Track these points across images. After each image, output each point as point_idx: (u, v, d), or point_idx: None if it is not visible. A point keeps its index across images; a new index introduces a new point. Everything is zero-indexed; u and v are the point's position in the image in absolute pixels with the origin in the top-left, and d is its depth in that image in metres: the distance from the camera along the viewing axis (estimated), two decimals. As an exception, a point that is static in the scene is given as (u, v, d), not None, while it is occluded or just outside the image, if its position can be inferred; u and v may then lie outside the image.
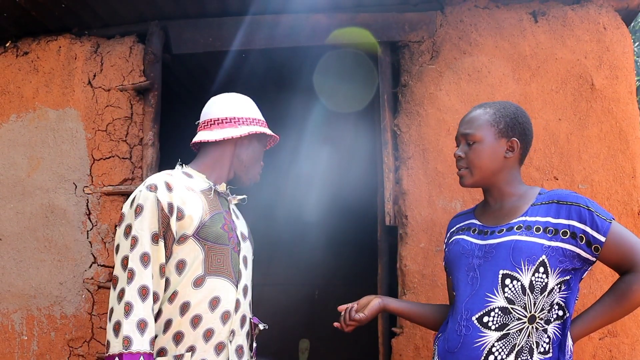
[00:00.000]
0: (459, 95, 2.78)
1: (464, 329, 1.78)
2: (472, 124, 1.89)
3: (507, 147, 1.88)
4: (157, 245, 1.80)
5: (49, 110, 3.00)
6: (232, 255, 1.95)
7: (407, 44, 2.88)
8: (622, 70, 2.73)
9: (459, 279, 1.87)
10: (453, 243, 1.97)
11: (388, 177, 2.82)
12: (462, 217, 2.08)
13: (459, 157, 1.91)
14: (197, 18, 3.01)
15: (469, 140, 1.88)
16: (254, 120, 2.09)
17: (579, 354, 2.57)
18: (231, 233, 1.96)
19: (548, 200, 1.83)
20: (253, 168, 2.11)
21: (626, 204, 2.65)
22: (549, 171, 2.69)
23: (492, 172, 1.88)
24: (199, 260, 1.86)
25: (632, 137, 2.69)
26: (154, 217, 1.80)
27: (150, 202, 1.81)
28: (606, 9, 2.78)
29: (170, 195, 1.84)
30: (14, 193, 2.98)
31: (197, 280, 1.84)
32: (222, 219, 1.94)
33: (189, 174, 2.01)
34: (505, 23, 2.81)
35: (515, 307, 1.74)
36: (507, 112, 1.89)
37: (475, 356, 1.74)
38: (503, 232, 1.83)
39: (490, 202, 1.95)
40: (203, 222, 1.87)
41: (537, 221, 1.79)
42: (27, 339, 2.89)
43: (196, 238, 1.86)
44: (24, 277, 2.92)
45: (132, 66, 2.96)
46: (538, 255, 1.73)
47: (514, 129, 1.88)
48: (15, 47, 3.10)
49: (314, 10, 2.92)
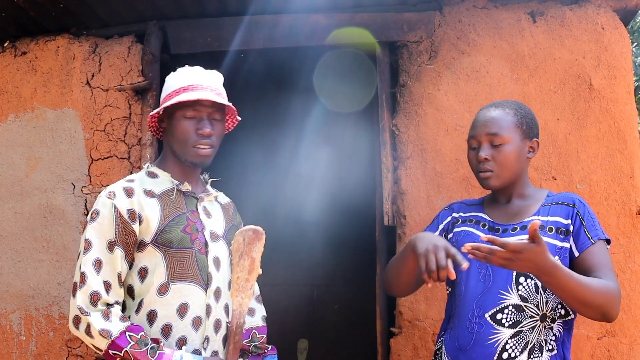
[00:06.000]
0: (458, 95, 2.78)
1: (477, 326, 1.78)
2: (497, 125, 1.84)
3: (529, 148, 1.88)
4: (112, 253, 1.75)
5: (47, 110, 3.00)
6: (199, 258, 1.86)
7: (405, 44, 2.88)
8: (620, 70, 2.74)
9: (470, 275, 1.85)
10: (462, 235, 1.94)
11: (386, 177, 2.82)
12: (466, 206, 2.05)
13: (484, 160, 1.85)
14: (196, 18, 3.00)
15: (494, 142, 1.84)
16: (169, 95, 1.89)
17: (577, 353, 2.58)
18: (195, 234, 1.87)
19: (557, 201, 1.85)
20: (185, 144, 1.87)
21: (624, 204, 2.65)
22: (548, 171, 2.70)
23: (516, 174, 1.87)
24: (161, 267, 1.80)
25: (630, 137, 2.69)
26: (110, 225, 1.76)
27: (108, 209, 1.77)
28: (604, 9, 2.79)
29: (130, 201, 1.80)
30: (12, 193, 2.98)
31: (161, 288, 1.79)
32: (183, 221, 1.86)
33: (154, 174, 1.94)
34: (504, 23, 2.81)
35: (528, 305, 1.76)
36: (525, 112, 1.89)
37: (490, 353, 1.75)
38: (517, 230, 1.83)
39: (501, 199, 1.95)
40: (160, 228, 1.80)
41: (548, 221, 1.82)
42: (25, 339, 2.89)
43: (155, 245, 1.80)
44: (22, 277, 2.91)
45: (131, 66, 2.96)
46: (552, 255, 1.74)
47: (533, 130, 1.89)
48: (13, 47, 3.09)
49: (312, 11, 2.91)
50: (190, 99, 1.82)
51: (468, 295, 1.84)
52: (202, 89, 1.87)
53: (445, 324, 1.96)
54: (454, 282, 1.92)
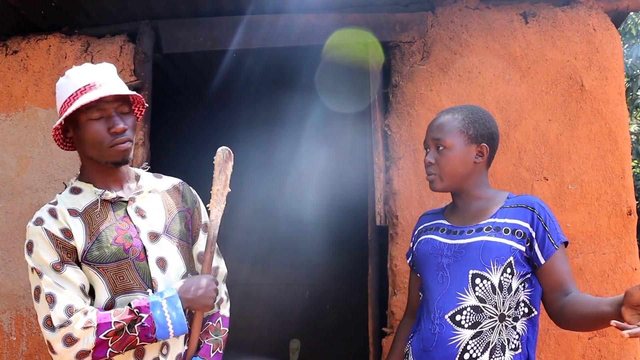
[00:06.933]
0: (450, 96, 2.79)
1: (438, 327, 1.82)
2: (441, 130, 1.91)
3: (477, 152, 1.92)
4: (61, 273, 1.68)
5: (38, 110, 2.98)
6: (138, 266, 1.77)
7: (398, 44, 2.88)
8: (612, 71, 2.75)
9: (429, 278, 1.91)
10: (422, 242, 2.00)
11: (379, 177, 2.83)
12: (430, 216, 2.11)
13: (429, 163, 1.93)
14: (189, 18, 3.00)
15: (439, 147, 1.91)
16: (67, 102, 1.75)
17: (568, 353, 2.59)
18: (129, 242, 1.76)
19: (517, 204, 1.88)
20: (101, 147, 1.75)
21: (615, 205, 2.66)
22: (539, 172, 2.71)
23: (462, 178, 1.92)
24: (102, 285, 1.72)
25: (621, 138, 2.71)
26: (47, 248, 1.69)
27: (39, 236, 1.70)
28: (596, 10, 2.80)
29: (58, 221, 1.72)
30: (2, 193, 2.96)
31: (107, 305, 1.72)
32: (112, 232, 1.76)
33: (77, 189, 1.83)
34: (496, 24, 2.82)
35: (486, 305, 1.79)
36: (475, 117, 1.93)
37: (451, 354, 1.78)
38: (472, 232, 1.87)
39: (459, 204, 2.00)
40: (87, 247, 1.72)
41: (505, 223, 1.85)
42: (15, 339, 2.87)
43: (87, 264, 1.72)
44: (12, 277, 2.90)
45: (123, 65, 2.95)
46: (506, 256, 1.79)
47: (482, 135, 1.92)
48: (4, 45, 3.08)
49: (305, 11, 2.91)
50: (91, 100, 1.68)
51: (429, 297, 1.88)
52: (100, 86, 1.73)
53: (415, 327, 1.99)
54: (423, 286, 1.97)
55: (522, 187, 2.69)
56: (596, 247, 2.65)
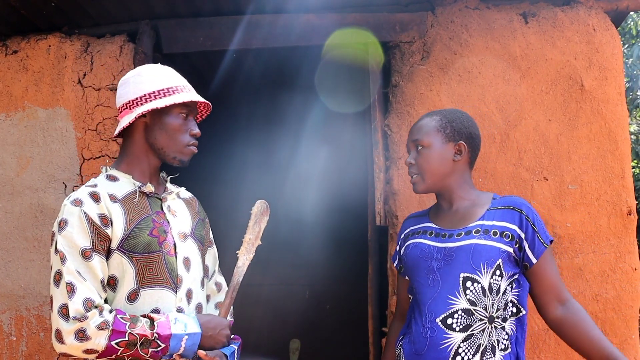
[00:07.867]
0: (450, 96, 2.79)
1: (429, 330, 1.82)
2: (420, 131, 1.96)
3: (455, 150, 1.94)
4: (88, 261, 1.67)
5: (38, 110, 2.99)
6: (168, 261, 1.80)
7: (398, 44, 2.88)
8: (612, 71, 2.75)
9: (420, 282, 1.91)
10: (410, 247, 2.01)
11: (379, 177, 2.83)
12: (415, 219, 2.12)
13: (409, 164, 1.97)
14: (188, 18, 3.00)
15: (418, 147, 1.95)
16: (150, 95, 1.82)
17: (568, 353, 2.59)
18: (163, 236, 1.80)
19: (503, 205, 1.90)
20: (180, 143, 1.85)
21: (615, 205, 2.66)
22: (539, 172, 2.71)
23: (442, 176, 1.94)
24: (130, 274, 1.73)
25: (621, 138, 2.71)
26: (82, 232, 1.68)
27: (76, 217, 1.68)
28: (596, 10, 2.80)
29: (99, 206, 1.72)
30: (2, 193, 2.96)
31: (130, 295, 1.73)
32: (149, 224, 1.79)
33: (114, 177, 1.85)
34: (496, 24, 2.82)
35: (477, 308, 1.80)
36: (452, 117, 1.97)
37: (443, 357, 1.79)
38: (462, 235, 1.88)
39: (444, 205, 2.01)
40: (126, 234, 1.73)
41: (494, 225, 1.86)
42: (15, 339, 2.87)
43: (121, 251, 1.72)
44: (12, 277, 2.90)
45: (123, 65, 2.95)
46: (496, 259, 1.81)
47: (460, 133, 1.94)
48: (4, 45, 3.08)
49: (305, 11, 2.91)
50: (192, 100, 1.83)
51: (420, 301, 1.89)
52: (190, 90, 1.89)
53: (405, 329, 2.00)
54: (413, 289, 1.97)
55: (522, 187, 2.69)
56: (596, 247, 2.65)
